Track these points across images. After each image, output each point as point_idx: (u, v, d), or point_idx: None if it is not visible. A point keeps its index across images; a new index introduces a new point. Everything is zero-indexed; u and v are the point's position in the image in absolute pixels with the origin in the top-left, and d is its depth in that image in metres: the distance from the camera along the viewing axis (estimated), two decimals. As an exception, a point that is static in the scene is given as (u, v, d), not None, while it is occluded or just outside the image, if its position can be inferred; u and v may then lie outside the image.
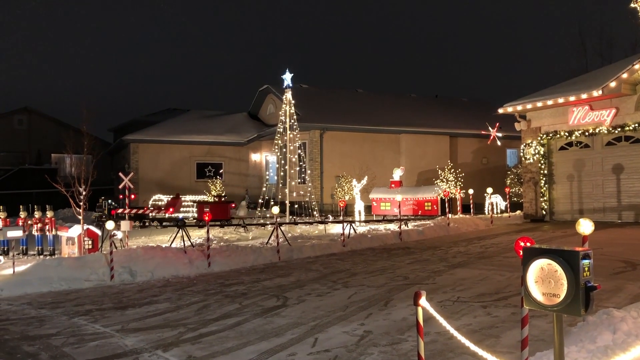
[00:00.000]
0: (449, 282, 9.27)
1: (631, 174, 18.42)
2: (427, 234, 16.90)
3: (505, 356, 4.12)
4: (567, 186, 20.29)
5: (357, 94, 34.46)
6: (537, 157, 20.87)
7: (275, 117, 27.96)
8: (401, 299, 7.98)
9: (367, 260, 12.41)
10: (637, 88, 17.93)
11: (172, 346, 6.17)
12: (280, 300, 8.38)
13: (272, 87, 31.09)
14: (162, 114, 36.55)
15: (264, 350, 5.87)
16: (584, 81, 20.31)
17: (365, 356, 5.52)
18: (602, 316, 5.38)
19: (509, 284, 8.77)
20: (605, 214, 18.91)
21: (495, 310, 7.16)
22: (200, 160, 31.73)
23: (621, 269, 9.64)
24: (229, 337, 6.47)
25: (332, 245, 14.57)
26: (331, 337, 6.25)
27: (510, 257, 11.42)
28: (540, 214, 20.78)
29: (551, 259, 3.13)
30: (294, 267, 11.86)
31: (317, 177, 27.39)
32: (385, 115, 29.56)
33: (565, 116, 19.75)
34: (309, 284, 9.66)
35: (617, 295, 7.48)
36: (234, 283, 10.24)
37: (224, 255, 12.69)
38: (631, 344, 4.27)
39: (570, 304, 3.06)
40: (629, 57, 19.55)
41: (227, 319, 7.37)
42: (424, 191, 23.35)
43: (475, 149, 30.73)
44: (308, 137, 27.26)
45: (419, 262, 11.76)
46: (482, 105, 34.61)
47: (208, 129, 32.30)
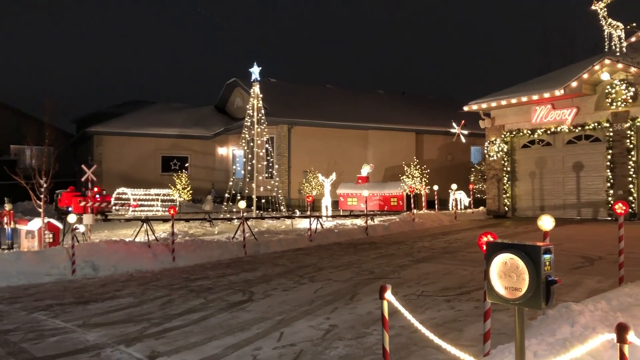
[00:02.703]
0: (414, 276, 9.38)
1: (590, 172, 18.95)
2: (392, 229, 17.07)
3: (468, 349, 4.19)
4: (529, 183, 20.76)
5: (326, 90, 34.50)
6: (501, 154, 21.27)
7: (242, 110, 27.76)
8: (367, 293, 8.04)
9: (333, 254, 12.46)
10: (597, 88, 18.43)
11: (135, 341, 6.08)
12: (246, 295, 8.35)
13: (240, 81, 30.86)
14: (127, 106, 35.85)
15: (229, 344, 5.84)
16: (546, 80, 20.78)
17: (330, 350, 5.55)
18: (562, 310, 5.52)
19: (472, 278, 8.93)
20: (566, 210, 19.42)
21: (459, 304, 7.28)
22: (166, 154, 31.31)
23: (580, 264, 9.92)
24: (194, 332, 6.41)
25: (299, 240, 14.57)
26: (297, 331, 6.25)
27: (473, 252, 11.63)
28: (502, 210, 21.20)
29: (513, 254, 3.19)
30: (261, 262, 11.82)
31: (285, 172, 27.34)
32: (353, 112, 29.67)
33: (528, 114, 20.17)
34: (275, 279, 9.65)
35: (576, 290, 7.69)
36: (199, 278, 10.15)
37: (189, 249, 12.56)
38: (588, 336, 4.39)
39: (531, 297, 3.13)
40: (590, 58, 20.06)
41: (191, 313, 7.30)
42: (390, 187, 23.58)
43: (440, 145, 31.14)
44: (276, 132, 27.16)
45: (384, 256, 11.87)
46: (448, 102, 35.06)
47: (174, 122, 31.88)
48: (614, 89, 17.70)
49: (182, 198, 26.52)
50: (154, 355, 5.60)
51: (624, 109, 17.70)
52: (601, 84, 18.19)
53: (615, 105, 17.79)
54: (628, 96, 17.42)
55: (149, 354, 5.62)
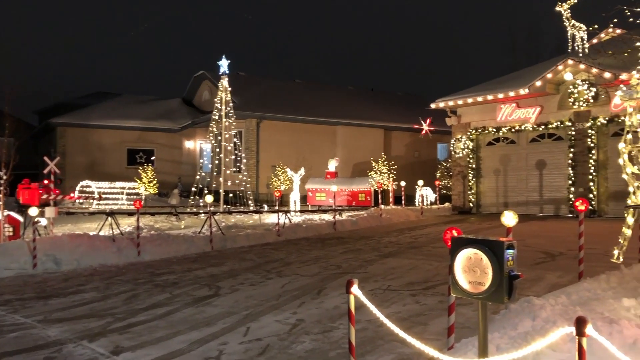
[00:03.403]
0: (381, 271, 9.47)
1: (552, 169, 19.41)
2: (360, 224, 17.19)
3: (432, 343, 4.26)
4: (494, 180, 21.15)
5: (295, 84, 34.41)
6: (466, 151, 21.60)
7: (210, 104, 27.49)
8: (334, 288, 8.08)
9: (301, 249, 12.48)
10: (560, 88, 18.87)
11: (98, 336, 5.97)
12: (212, 290, 8.29)
13: (208, 73, 30.54)
14: (92, 98, 35.09)
15: (194, 339, 5.79)
16: (512, 80, 21.17)
17: (297, 344, 5.56)
18: (524, 304, 5.65)
19: (437, 273, 9.06)
20: (529, 207, 19.86)
21: (424, 298, 7.38)
22: (131, 146, 30.80)
23: (542, 260, 10.17)
24: (159, 326, 6.34)
25: (266, 234, 14.54)
26: (263, 326, 6.24)
27: (438, 247, 11.79)
28: (467, 206, 21.55)
29: (477, 249, 3.25)
30: (227, 257, 11.75)
31: (253, 167, 27.20)
32: (322, 107, 29.69)
33: (494, 113, 20.52)
34: (242, 274, 9.61)
35: (538, 285, 7.88)
36: (164, 272, 10.03)
37: (155, 244, 12.40)
38: (549, 329, 4.50)
39: (494, 292, 3.19)
40: (554, 58, 20.53)
41: (156, 308, 7.22)
42: (358, 182, 23.71)
43: (408, 142, 31.43)
44: (244, 126, 26.98)
45: (352, 251, 11.94)
46: (415, 99, 35.41)
47: (140, 114, 31.36)
48: (576, 89, 18.15)
49: (148, 192, 26.15)
50: (117, 350, 5.51)
51: (585, 108, 18.17)
52: (564, 84, 18.63)
53: (577, 105, 18.24)
54: (589, 96, 17.88)
55: (112, 349, 5.53)
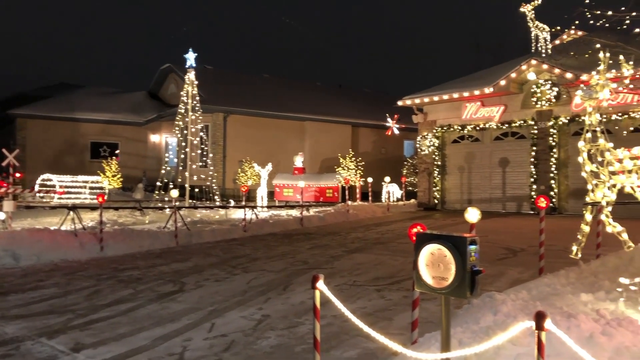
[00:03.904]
0: (347, 266, 9.52)
1: (515, 167, 19.83)
2: (327, 220, 17.24)
3: (396, 337, 4.30)
4: (458, 177, 21.48)
5: (263, 79, 34.23)
6: (432, 148, 21.88)
7: (176, 97, 27.07)
8: (300, 283, 8.09)
9: (268, 245, 12.44)
10: (523, 87, 19.26)
11: (58, 333, 5.84)
12: (177, 286, 8.20)
13: (175, 66, 30.08)
14: (54, 89, 34.14)
15: (158, 336, 5.72)
16: (477, 78, 21.52)
17: (262, 340, 5.55)
18: (486, 299, 5.76)
19: (403, 268, 9.16)
20: (492, 204, 20.24)
21: (389, 293, 7.46)
22: (95, 140, 30.17)
23: (504, 256, 10.38)
24: (122, 323, 6.23)
25: (233, 230, 14.44)
26: (228, 322, 6.21)
27: (404, 242, 11.91)
28: (433, 203, 21.84)
29: (441, 245, 3.29)
30: (193, 252, 11.63)
31: (220, 161, 26.97)
32: (290, 102, 29.61)
33: (459, 111, 20.83)
34: (207, 269, 9.53)
35: (499, 280, 8.04)
36: (128, 268, 9.87)
37: (118, 239, 12.19)
38: (510, 324, 4.60)
39: (457, 287, 3.24)
40: (518, 58, 20.93)
41: (119, 304, 7.10)
42: (325, 178, 23.78)
43: (375, 139, 31.62)
44: (211, 120, 26.72)
45: (318, 247, 11.97)
46: (383, 97, 35.62)
47: (104, 107, 30.72)
48: (539, 89, 18.56)
49: (112, 186, 25.66)
50: (78, 347, 5.40)
51: (547, 108, 18.60)
52: (528, 84, 19.03)
53: (539, 105, 18.67)
54: (552, 96, 18.31)
55: (73, 346, 5.42)
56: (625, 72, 8.62)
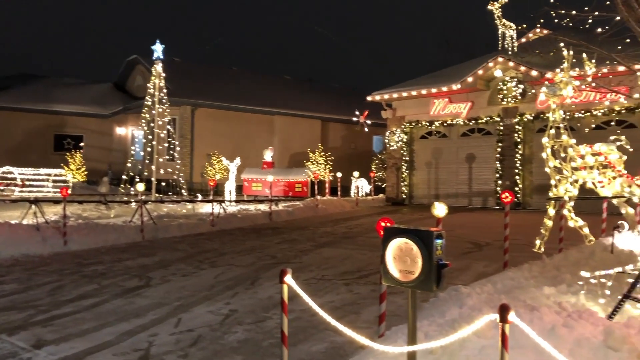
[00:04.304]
0: (315, 261, 9.53)
1: (481, 163, 20.14)
2: (296, 214, 17.23)
3: (363, 331, 4.32)
4: (426, 172, 21.71)
5: (232, 72, 33.92)
6: (401, 144, 22.05)
7: (143, 89, 26.61)
8: (268, 278, 8.06)
9: (236, 240, 12.37)
10: (490, 84, 19.56)
11: (19, 330, 5.69)
12: (142, 281, 8.08)
13: (141, 58, 29.57)
14: (15, 79, 33.15)
15: (123, 331, 5.63)
16: (445, 75, 21.75)
17: (229, 335, 5.51)
18: (451, 292, 5.84)
19: (371, 262, 9.22)
20: (458, 199, 20.53)
21: (357, 287, 7.50)
22: (58, 132, 29.49)
23: (469, 250, 10.55)
24: (85, 318, 6.11)
25: (200, 224, 14.31)
26: (195, 316, 6.15)
27: (372, 237, 11.99)
28: (401, 198, 22.03)
29: (408, 239, 3.31)
30: (159, 247, 11.49)
31: (187, 155, 26.66)
32: (259, 96, 29.44)
33: (427, 107, 21.03)
34: (174, 264, 9.42)
35: (465, 274, 8.17)
36: (92, 262, 9.68)
37: (83, 233, 11.95)
38: (475, 317, 4.67)
39: (424, 280, 3.27)
40: (485, 55, 21.23)
41: (83, 299, 6.96)
42: (295, 173, 23.74)
43: (344, 134, 31.71)
44: (179, 113, 26.38)
45: (287, 241, 11.95)
46: (352, 92, 35.71)
47: (68, 99, 30.02)
48: (505, 86, 18.88)
49: (76, 179, 25.13)
50: (40, 344, 5.28)
51: (513, 105, 18.93)
52: (494, 81, 19.33)
53: (506, 101, 18.99)
54: (517, 93, 18.65)
55: (34, 343, 5.29)
56: (588, 70, 8.82)
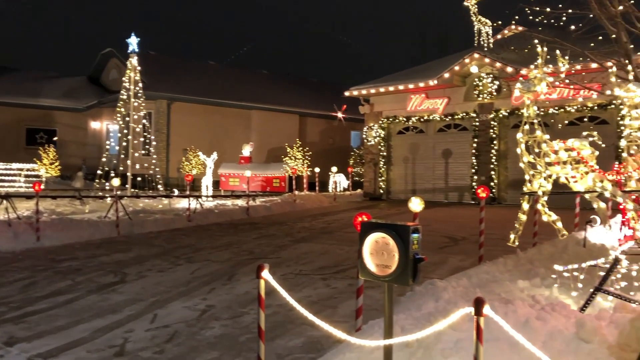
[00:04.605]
0: (293, 256, 9.53)
1: (458, 158, 20.33)
2: (274, 209, 17.19)
3: (341, 325, 4.34)
4: (403, 168, 21.85)
5: (208, 66, 33.64)
6: (378, 139, 22.14)
7: (118, 83, 26.21)
8: (245, 273, 8.04)
9: (212, 235, 12.29)
10: (466, 80, 19.74)
11: (-10, 328, 5.58)
12: (118, 276, 7.99)
13: (116, 51, 29.13)
14: (-15, 72, 32.48)
15: (98, 327, 5.56)
16: (422, 71, 21.89)
17: (206, 330, 5.48)
18: (428, 286, 5.90)
19: (348, 257, 9.25)
20: (435, 194, 20.71)
21: (335, 282, 7.52)
22: (31, 126, 28.92)
23: (445, 244, 10.65)
24: (59, 315, 6.02)
25: (176, 220, 14.19)
26: (171, 312, 6.10)
27: (350, 232, 12.03)
28: (378, 193, 22.14)
29: (385, 233, 3.32)
30: (135, 242, 11.36)
31: (163, 150, 26.39)
32: (236, 90, 29.27)
33: (405, 102, 21.14)
34: (150, 260, 9.32)
35: (441, 268, 8.25)
36: (66, 258, 9.53)
37: (56, 229, 11.75)
38: (450, 310, 4.72)
39: (400, 274, 3.28)
40: (461, 52, 21.41)
41: (57, 296, 6.85)
42: (272, 168, 23.67)
43: (322, 129, 31.71)
44: (154, 107, 26.07)
45: (265, 237, 11.92)
46: (330, 87, 35.72)
47: (41, 92, 29.45)
48: (481, 82, 19.07)
49: (50, 174, 24.68)
50: (12, 341, 5.18)
51: (489, 101, 19.14)
52: (470, 77, 19.51)
53: (481, 97, 19.18)
54: (493, 89, 18.85)
55: (6, 340, 5.19)
56: (561, 67, 8.95)
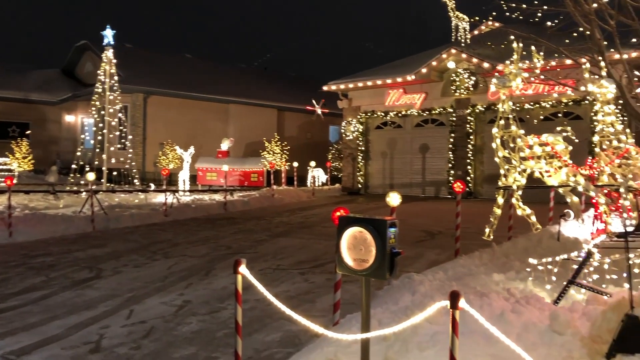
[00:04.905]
0: (271, 250, 9.52)
1: (435, 153, 20.49)
2: (252, 204, 17.13)
3: (318, 319, 4.35)
4: (381, 162, 21.94)
5: (185, 59, 33.30)
6: (356, 134, 22.19)
7: (93, 76, 25.78)
8: (223, 268, 8.00)
9: (190, 230, 12.21)
10: (444, 76, 19.87)
11: (-39, 325, 5.47)
12: (93, 272, 7.89)
13: (91, 44, 28.63)
14: (-45, 63, 31.68)
15: (72, 324, 5.48)
16: (400, 66, 21.97)
17: (183, 325, 5.45)
18: (405, 280, 5.94)
19: (326, 251, 9.27)
20: (412, 188, 20.85)
21: (313, 276, 7.53)
22: (2, 119, 28.29)
23: (422, 238, 10.74)
24: (33, 312, 5.93)
25: (153, 215, 14.05)
26: (148, 308, 6.05)
27: (328, 226, 12.05)
28: (357, 187, 22.21)
29: (362, 227, 3.33)
30: (110, 238, 11.22)
31: (140, 144, 26.09)
32: (214, 84, 29.03)
33: (383, 97, 21.21)
34: (126, 255, 9.22)
35: (418, 261, 8.32)
36: (40, 254, 9.38)
37: (29, 224, 11.55)
38: (427, 303, 4.77)
39: (377, 268, 3.30)
40: (439, 47, 21.54)
41: (30, 292, 6.74)
42: (250, 162, 23.59)
43: (301, 123, 31.65)
44: (130, 101, 25.73)
45: (242, 232, 11.88)
46: (308, 81, 35.64)
47: (13, 84, 28.82)
48: (458, 77, 19.22)
49: (22, 168, 24.22)
50: (-17, 339, 5.08)
51: (465, 96, 19.30)
52: (447, 72, 19.65)
53: (458, 93, 19.34)
54: (470, 84, 19.02)
55: (-23, 338, 5.09)
56: (536, 63, 9.05)
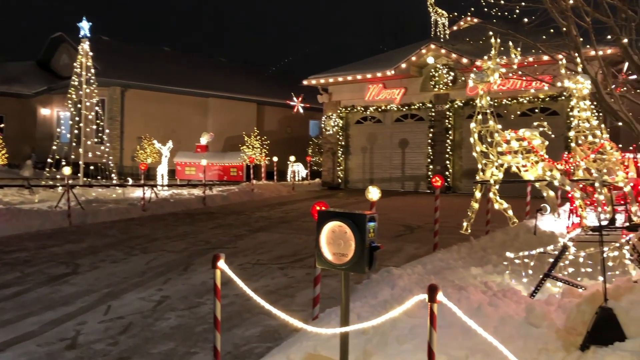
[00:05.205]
0: (250, 245, 9.49)
1: (414, 148, 20.61)
2: (231, 199, 17.05)
3: (298, 314, 4.36)
4: (361, 157, 22.01)
5: (163, 53, 32.96)
6: (337, 129, 22.20)
7: (70, 68, 25.36)
8: (202, 263, 7.96)
9: (168, 225, 12.11)
10: (423, 71, 19.97)
11: None
12: (70, 268, 7.78)
13: (67, 35, 28.18)
14: None
15: (48, 320, 5.41)
16: (380, 61, 22.02)
17: (161, 321, 5.41)
18: (384, 274, 5.97)
19: (306, 246, 9.27)
20: (392, 183, 20.96)
21: (292, 271, 7.53)
22: (-25, 112, 27.75)
23: (401, 232, 10.81)
24: (7, 308, 5.82)
25: (131, 209, 13.91)
26: (126, 303, 5.99)
27: (308, 221, 12.05)
28: (336, 182, 22.25)
29: (342, 222, 3.34)
30: (87, 233, 11.08)
31: (117, 138, 25.77)
32: (192, 77, 28.77)
33: (363, 92, 21.25)
34: (103, 250, 9.12)
35: (397, 255, 8.37)
36: (14, 250, 9.22)
37: (3, 219, 11.33)
38: (405, 297, 4.80)
39: (356, 263, 3.31)
40: (418, 42, 21.62)
41: (4, 289, 6.62)
42: (230, 157, 23.46)
43: (281, 117, 31.56)
44: (108, 94, 25.39)
45: (222, 226, 11.82)
46: (288, 75, 35.54)
47: (-15, 77, 28.28)
48: (437, 73, 19.33)
49: (-4, 162, 23.79)
50: (-44, 336, 4.98)
51: (444, 91, 19.43)
52: (427, 67, 19.75)
53: (437, 88, 19.46)
54: (449, 80, 19.15)
55: (-51, 336, 4.99)
56: (514, 58, 9.13)
